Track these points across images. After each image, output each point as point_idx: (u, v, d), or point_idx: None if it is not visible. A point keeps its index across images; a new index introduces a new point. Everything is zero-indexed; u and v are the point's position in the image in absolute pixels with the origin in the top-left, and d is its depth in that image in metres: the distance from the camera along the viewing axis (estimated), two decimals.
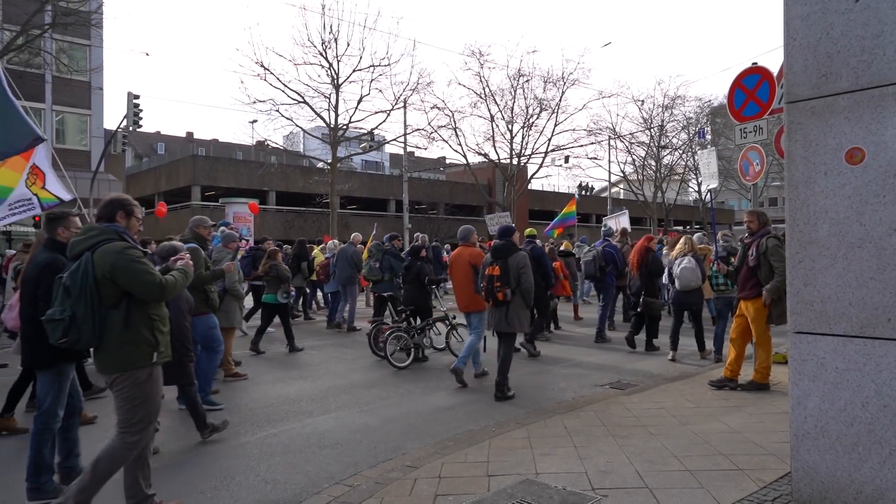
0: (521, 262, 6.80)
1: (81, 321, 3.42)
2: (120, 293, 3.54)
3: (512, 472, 4.35)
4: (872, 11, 3.22)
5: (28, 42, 21.19)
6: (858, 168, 3.25)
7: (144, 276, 3.56)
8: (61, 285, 3.48)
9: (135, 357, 3.58)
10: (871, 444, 3.20)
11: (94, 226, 3.71)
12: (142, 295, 3.58)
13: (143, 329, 3.62)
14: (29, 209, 6.56)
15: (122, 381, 3.58)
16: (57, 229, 4.52)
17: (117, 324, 3.52)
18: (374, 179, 44.17)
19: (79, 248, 3.58)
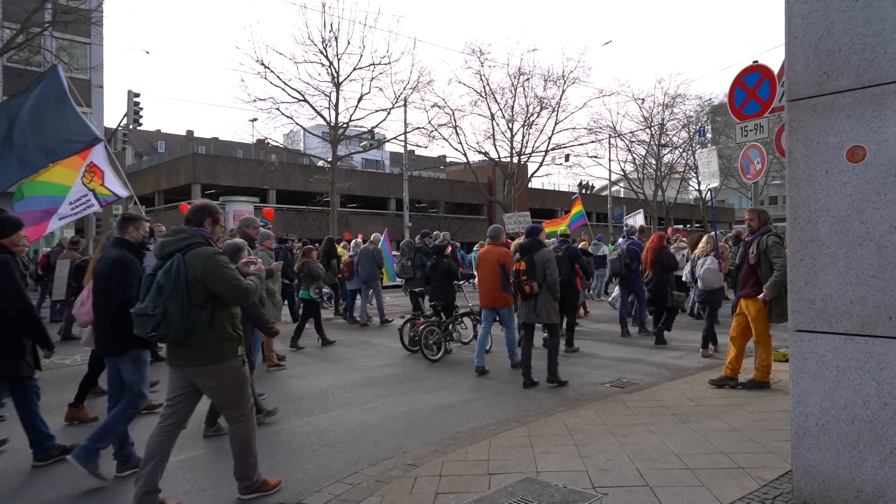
0: (545, 257, 7.27)
1: (172, 317, 3.66)
2: (207, 294, 3.78)
3: (513, 470, 4.35)
4: (873, 9, 3.21)
5: (28, 40, 21.19)
6: (859, 166, 3.25)
7: (233, 280, 3.84)
8: (155, 283, 3.72)
9: (223, 351, 3.88)
10: (872, 442, 3.20)
11: (183, 228, 3.97)
12: (228, 298, 3.85)
13: (227, 326, 3.91)
14: (89, 206, 6.76)
15: (217, 372, 3.90)
16: (128, 228, 4.80)
17: (204, 322, 3.78)
18: (374, 178, 44.16)
19: (169, 248, 3.82)
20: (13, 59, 22.91)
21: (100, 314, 4.68)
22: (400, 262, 11.73)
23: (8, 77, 23.82)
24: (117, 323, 4.40)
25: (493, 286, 8.01)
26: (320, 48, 25.02)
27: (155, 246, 4.11)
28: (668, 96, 39.24)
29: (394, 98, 27.38)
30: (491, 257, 8.03)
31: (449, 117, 31.45)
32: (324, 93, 25.81)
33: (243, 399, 4.04)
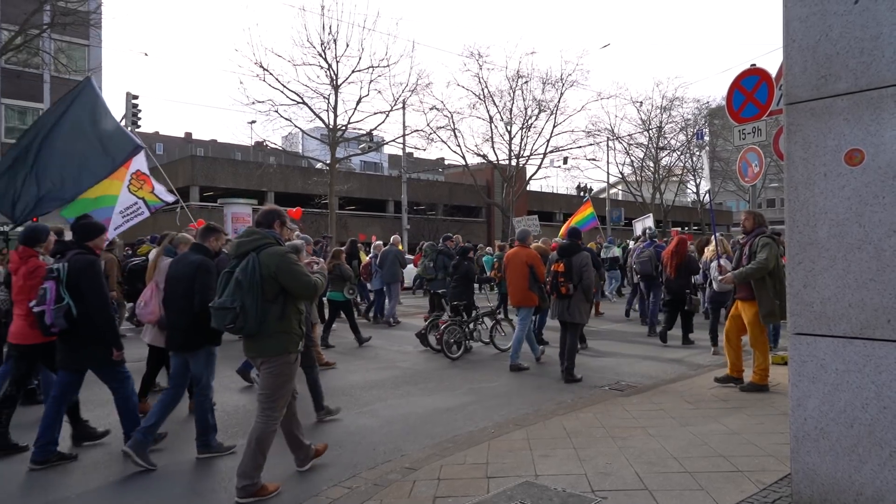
0: (583, 261, 7.73)
1: (248, 310, 4.01)
2: (278, 289, 4.12)
3: (511, 473, 4.34)
4: (871, 13, 3.22)
5: (27, 42, 21.18)
6: (858, 169, 3.25)
7: (302, 277, 4.19)
8: (233, 279, 4.06)
9: (287, 344, 4.20)
10: (871, 445, 3.20)
11: (256, 230, 4.33)
12: (297, 293, 4.19)
13: (294, 321, 4.25)
14: (139, 213, 6.89)
15: (276, 363, 4.19)
16: (209, 238, 5.26)
17: (275, 315, 4.11)
18: (372, 180, 44.13)
19: (244, 248, 4.17)
20: (11, 61, 22.87)
21: (178, 312, 4.98)
22: (423, 263, 12.19)
23: (6, 79, 23.80)
24: (197, 321, 4.80)
25: (522, 286, 8.41)
26: (319, 51, 25.05)
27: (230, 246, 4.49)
28: (666, 99, 39.37)
29: (392, 100, 27.42)
30: (519, 258, 8.45)
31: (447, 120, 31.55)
32: (322, 95, 25.84)
33: (281, 394, 4.26)
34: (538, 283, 8.48)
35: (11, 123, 25.33)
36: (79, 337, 4.85)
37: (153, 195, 7.02)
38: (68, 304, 4.74)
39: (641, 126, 40.07)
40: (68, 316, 4.73)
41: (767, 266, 6.31)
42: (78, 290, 4.78)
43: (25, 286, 5.20)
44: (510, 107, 33.49)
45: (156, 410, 4.99)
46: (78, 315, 4.76)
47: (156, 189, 7.05)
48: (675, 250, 9.97)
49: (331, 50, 25.09)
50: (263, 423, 4.24)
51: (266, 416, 4.24)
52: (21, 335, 5.21)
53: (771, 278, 6.46)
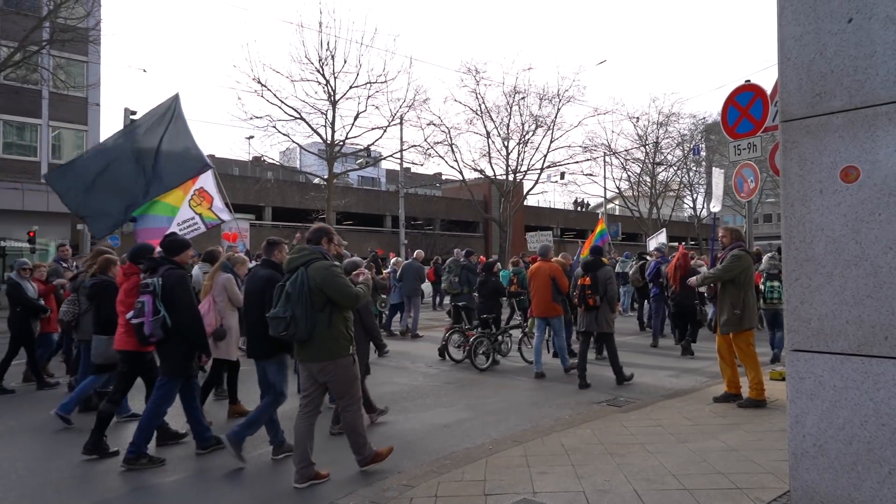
0: (607, 274, 8.35)
1: (299, 319, 4.45)
2: (325, 300, 4.54)
3: (509, 490, 4.31)
4: (865, 32, 3.25)
5: (26, 58, 21.24)
6: (853, 186, 3.26)
7: (346, 288, 4.61)
8: (284, 292, 4.52)
9: (337, 349, 4.63)
10: (871, 463, 3.18)
11: (305, 247, 4.76)
12: (342, 303, 4.60)
13: (341, 327, 4.66)
14: (195, 229, 7.18)
15: (331, 367, 4.64)
16: (274, 252, 5.69)
17: (323, 323, 4.54)
18: (370, 195, 44.20)
19: (295, 263, 4.62)
20: (10, 77, 22.93)
21: (255, 324, 5.33)
22: (447, 278, 12.64)
23: (5, 94, 23.85)
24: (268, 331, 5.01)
25: (546, 298, 8.92)
26: (317, 67, 25.21)
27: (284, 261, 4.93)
28: (663, 115, 39.64)
29: (390, 116, 27.59)
30: (543, 272, 8.97)
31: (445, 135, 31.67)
32: (320, 111, 25.98)
33: (352, 391, 4.79)
34: (561, 294, 9.04)
35: (10, 139, 25.35)
36: (171, 346, 5.27)
37: (210, 212, 7.30)
38: (164, 316, 5.15)
39: (638, 141, 40.32)
40: (164, 326, 5.15)
41: (723, 275, 6.73)
42: (171, 302, 5.18)
43: (128, 301, 5.55)
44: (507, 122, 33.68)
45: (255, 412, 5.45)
46: (172, 325, 5.17)
47: (214, 206, 7.33)
48: (679, 264, 10.30)
49: (328, 66, 25.28)
50: (349, 415, 4.82)
51: (348, 412, 4.82)
52: (122, 342, 5.61)
53: (735, 287, 6.74)
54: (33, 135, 25.87)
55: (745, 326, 6.78)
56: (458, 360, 10.15)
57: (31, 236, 22.46)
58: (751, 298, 6.83)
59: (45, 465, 5.42)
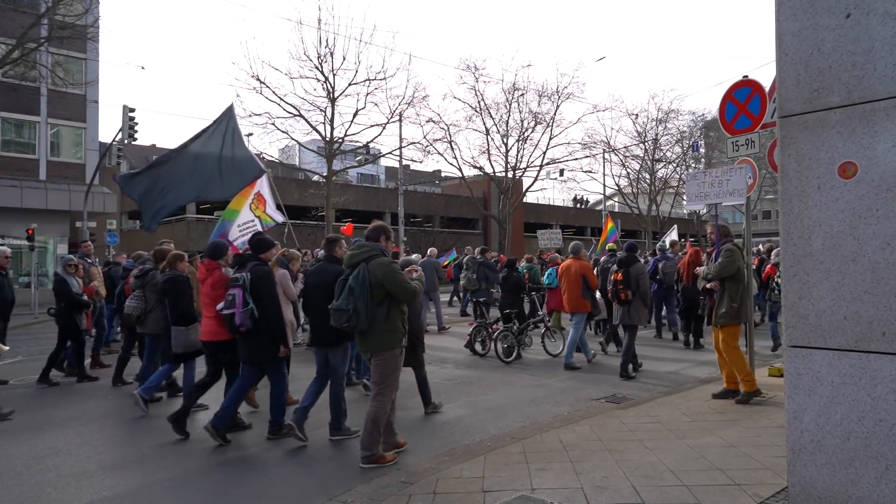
0: (640, 270, 8.75)
1: (361, 312, 4.78)
2: (384, 294, 4.87)
3: (508, 487, 4.31)
4: (862, 27, 3.25)
5: (24, 55, 21.19)
6: (851, 182, 3.26)
7: (404, 284, 4.92)
8: (347, 286, 4.85)
9: (392, 340, 4.96)
10: (868, 458, 3.18)
11: (365, 244, 5.10)
12: (399, 297, 4.92)
13: (398, 320, 4.99)
14: (254, 230, 7.50)
15: (384, 357, 4.96)
16: (334, 248, 6.10)
17: (381, 316, 4.88)
18: (369, 192, 44.17)
19: (356, 259, 4.96)
20: (8, 75, 22.88)
21: (320, 315, 5.61)
22: (466, 275, 12.93)
23: (3, 92, 23.81)
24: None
25: (576, 294, 9.39)
26: (316, 64, 25.14)
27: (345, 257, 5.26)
28: (662, 112, 39.65)
29: (389, 113, 27.55)
30: (573, 270, 9.45)
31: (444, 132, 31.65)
32: (319, 108, 25.91)
33: (389, 382, 5.03)
34: (590, 291, 9.51)
35: (8, 136, 25.31)
36: (257, 335, 5.67)
37: (266, 214, 7.72)
38: (252, 308, 5.58)
39: (637, 138, 40.30)
40: (252, 317, 5.58)
41: (721, 273, 6.84)
42: (258, 295, 5.62)
43: (212, 293, 6.00)
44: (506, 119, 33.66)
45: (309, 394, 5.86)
46: (258, 316, 5.59)
47: (268, 209, 7.75)
48: (691, 261, 10.74)
49: (327, 63, 25.22)
50: (376, 406, 4.99)
51: (378, 401, 4.99)
52: (211, 333, 6.07)
53: (733, 281, 6.84)
54: (32, 132, 25.84)
55: (740, 319, 6.87)
56: (482, 354, 10.58)
57: (30, 234, 22.45)
58: (748, 292, 6.93)
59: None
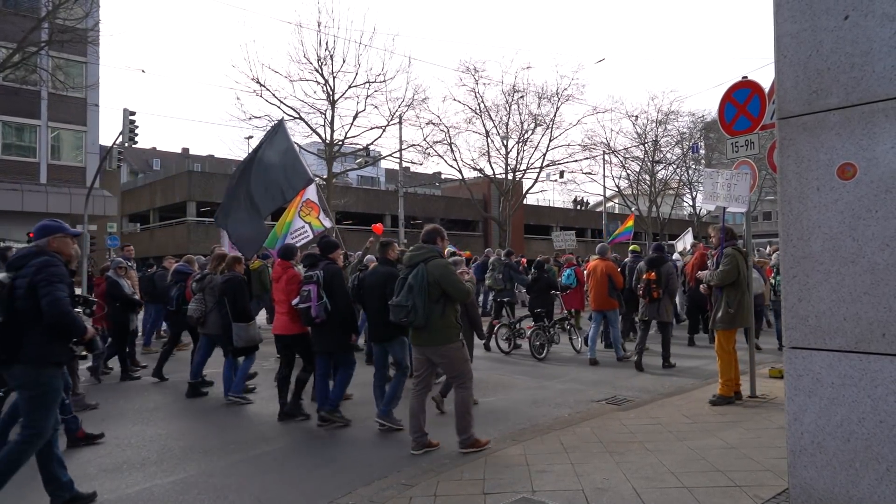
0: (669, 270, 9.30)
1: (419, 308, 5.13)
2: (440, 293, 5.21)
3: (508, 489, 4.31)
4: (861, 29, 3.25)
5: (24, 59, 21.21)
6: (850, 183, 3.26)
7: (459, 284, 5.32)
8: (407, 284, 5.20)
9: (449, 336, 5.30)
10: (869, 460, 3.18)
11: (423, 245, 5.47)
12: (455, 296, 5.28)
13: (452, 317, 5.33)
14: (305, 236, 8.00)
15: (445, 351, 5.31)
16: (387, 251, 6.54)
17: (437, 312, 5.21)
18: (369, 195, 44.19)
19: (415, 260, 5.33)
20: (9, 78, 22.91)
21: (377, 312, 6.16)
22: (492, 275, 13.43)
23: (3, 96, 23.83)
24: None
25: (603, 293, 9.93)
26: (316, 66, 25.14)
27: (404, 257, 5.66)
28: (662, 113, 39.54)
29: (389, 115, 27.51)
30: (600, 270, 10.00)
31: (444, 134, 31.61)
32: (319, 110, 25.91)
33: (464, 371, 5.41)
34: (616, 290, 10.04)
35: (9, 140, 25.33)
36: (330, 326, 6.26)
37: (317, 220, 8.09)
38: (326, 302, 6.17)
39: (637, 140, 40.24)
40: (326, 310, 6.17)
41: (724, 279, 6.84)
42: (330, 290, 6.21)
43: (287, 290, 6.68)
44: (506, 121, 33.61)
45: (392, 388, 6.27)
46: (331, 309, 6.16)
47: (320, 215, 8.12)
48: (697, 263, 10.97)
49: (327, 66, 25.21)
50: (462, 392, 5.35)
51: (462, 389, 5.34)
52: (284, 328, 6.72)
53: (732, 286, 6.83)
54: (32, 136, 25.85)
55: (735, 325, 6.83)
56: (506, 352, 11.00)
57: (31, 237, 22.44)
58: (746, 299, 6.86)
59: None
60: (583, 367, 9.67)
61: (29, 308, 3.97)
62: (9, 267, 4.15)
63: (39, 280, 3.97)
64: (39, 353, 4.00)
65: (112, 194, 26.94)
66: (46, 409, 4.07)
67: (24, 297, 3.97)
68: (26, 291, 3.97)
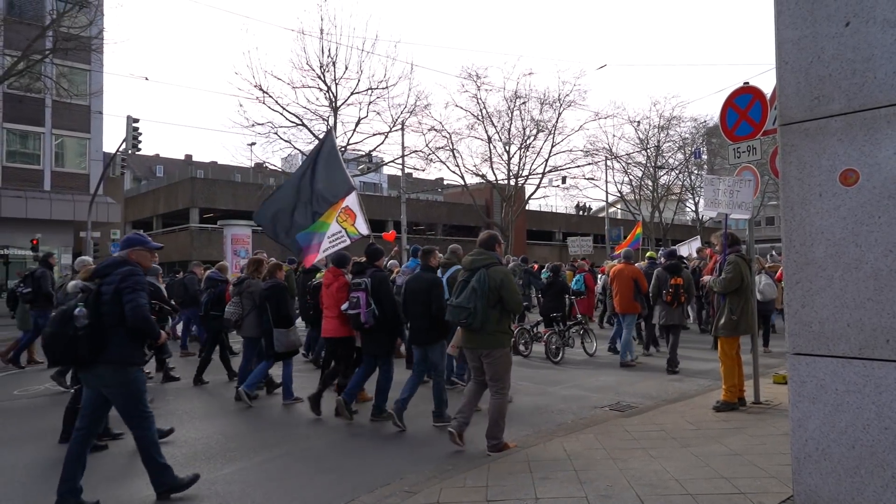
0: (688, 276, 9.99)
1: (478, 311, 5.31)
2: (497, 298, 5.38)
3: (511, 497, 4.29)
4: (862, 35, 3.25)
5: (29, 67, 21.35)
6: (853, 189, 3.26)
7: (516, 294, 5.52)
8: (469, 287, 5.38)
9: (501, 340, 5.51)
10: (874, 467, 3.17)
11: (484, 251, 5.65)
12: (509, 304, 5.44)
13: (506, 324, 5.55)
14: (342, 241, 8.25)
15: (495, 355, 5.49)
16: (430, 258, 6.87)
17: (493, 318, 5.40)
18: (372, 201, 44.18)
19: (477, 264, 5.51)
20: (13, 86, 23.04)
21: (419, 317, 6.52)
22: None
23: (8, 103, 23.96)
24: (433, 322, 6.37)
25: (628, 296, 10.33)
26: (318, 73, 25.23)
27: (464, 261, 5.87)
28: (664, 118, 39.57)
29: (391, 122, 27.62)
30: (625, 274, 10.45)
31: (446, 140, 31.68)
32: (322, 117, 25.99)
33: (506, 377, 5.56)
34: (641, 294, 10.40)
35: (13, 147, 25.44)
36: (378, 331, 6.63)
37: (353, 227, 8.38)
38: (374, 308, 6.52)
39: (639, 145, 40.26)
40: (374, 316, 6.53)
41: (728, 287, 6.82)
42: (378, 297, 6.59)
43: (337, 296, 7.03)
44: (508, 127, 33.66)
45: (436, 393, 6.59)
46: (378, 315, 6.53)
47: (356, 223, 8.39)
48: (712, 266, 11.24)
49: (330, 72, 25.31)
50: (498, 399, 5.49)
51: (499, 395, 5.49)
52: (333, 330, 7.15)
53: (736, 294, 6.80)
54: (36, 143, 25.97)
55: (738, 332, 6.79)
56: (525, 355, 11.16)
57: (35, 244, 22.53)
58: (750, 306, 6.84)
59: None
60: (587, 372, 9.65)
61: (113, 313, 4.34)
62: (95, 274, 4.60)
63: (124, 287, 4.36)
64: (121, 354, 4.39)
65: (115, 201, 27.02)
66: (137, 400, 4.52)
67: (110, 303, 4.34)
68: (112, 297, 4.35)
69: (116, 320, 4.33)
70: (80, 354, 4.27)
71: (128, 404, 4.49)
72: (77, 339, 4.23)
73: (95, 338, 4.28)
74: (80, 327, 4.24)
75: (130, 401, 4.49)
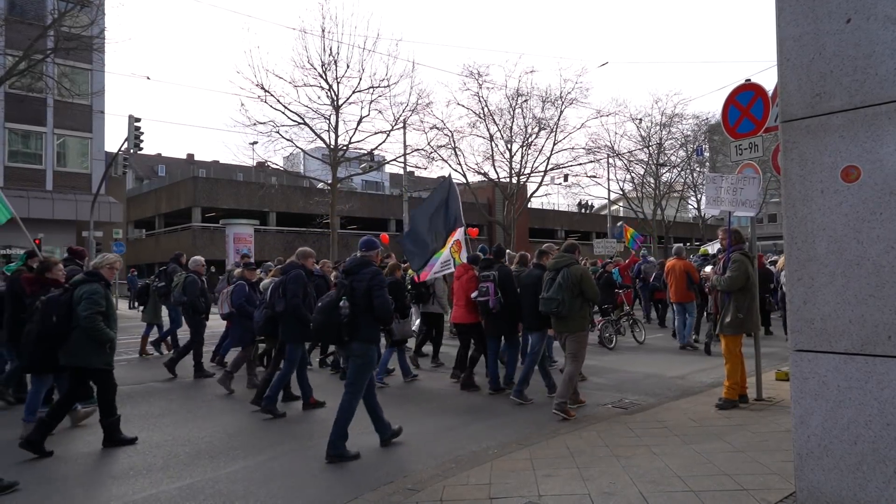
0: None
1: (566, 302, 6.62)
2: (579, 291, 6.67)
3: (514, 494, 4.31)
4: (863, 32, 3.25)
5: (30, 67, 21.38)
6: (854, 186, 3.26)
7: (594, 287, 6.89)
8: (557, 282, 6.69)
9: (583, 325, 6.83)
10: (876, 462, 3.17)
11: (564, 254, 6.94)
12: (589, 295, 6.76)
13: (587, 311, 6.91)
14: (449, 267, 9.54)
15: (577, 337, 6.78)
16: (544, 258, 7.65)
17: (577, 306, 6.70)
18: (374, 199, 44.29)
19: (560, 265, 6.80)
20: (15, 86, 23.07)
21: (528, 306, 7.47)
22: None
23: (9, 103, 23.99)
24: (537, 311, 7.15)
25: (682, 287, 11.74)
26: (320, 72, 25.20)
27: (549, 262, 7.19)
28: (666, 116, 39.45)
29: (393, 120, 27.51)
30: (679, 268, 11.82)
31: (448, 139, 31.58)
32: (323, 116, 25.95)
33: (582, 352, 6.86)
34: (694, 284, 11.69)
35: (15, 147, 25.49)
36: (500, 317, 7.87)
37: (459, 257, 9.60)
38: (500, 296, 7.76)
39: (641, 143, 40.16)
40: (500, 302, 7.76)
41: (732, 285, 6.81)
42: (503, 287, 7.82)
43: (466, 287, 8.46)
44: (510, 125, 33.58)
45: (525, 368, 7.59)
46: (503, 302, 7.77)
47: (461, 253, 9.68)
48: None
49: (331, 71, 25.28)
50: (571, 367, 6.76)
51: (573, 365, 6.76)
52: (462, 317, 8.53)
53: (741, 292, 6.78)
54: (38, 143, 26.02)
55: (743, 330, 6.80)
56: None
57: (37, 244, 22.57)
58: (755, 304, 6.84)
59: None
60: (588, 369, 9.64)
61: (363, 303, 5.47)
62: (345, 272, 5.71)
63: (374, 285, 5.51)
64: (369, 334, 5.58)
65: (118, 200, 27.07)
66: (365, 374, 5.58)
67: (362, 296, 5.48)
68: (364, 292, 5.48)
69: (364, 308, 5.46)
70: (342, 336, 5.47)
71: (358, 373, 5.53)
72: (341, 325, 5.42)
73: (352, 322, 5.44)
74: (344, 315, 5.41)
75: (362, 370, 5.53)
